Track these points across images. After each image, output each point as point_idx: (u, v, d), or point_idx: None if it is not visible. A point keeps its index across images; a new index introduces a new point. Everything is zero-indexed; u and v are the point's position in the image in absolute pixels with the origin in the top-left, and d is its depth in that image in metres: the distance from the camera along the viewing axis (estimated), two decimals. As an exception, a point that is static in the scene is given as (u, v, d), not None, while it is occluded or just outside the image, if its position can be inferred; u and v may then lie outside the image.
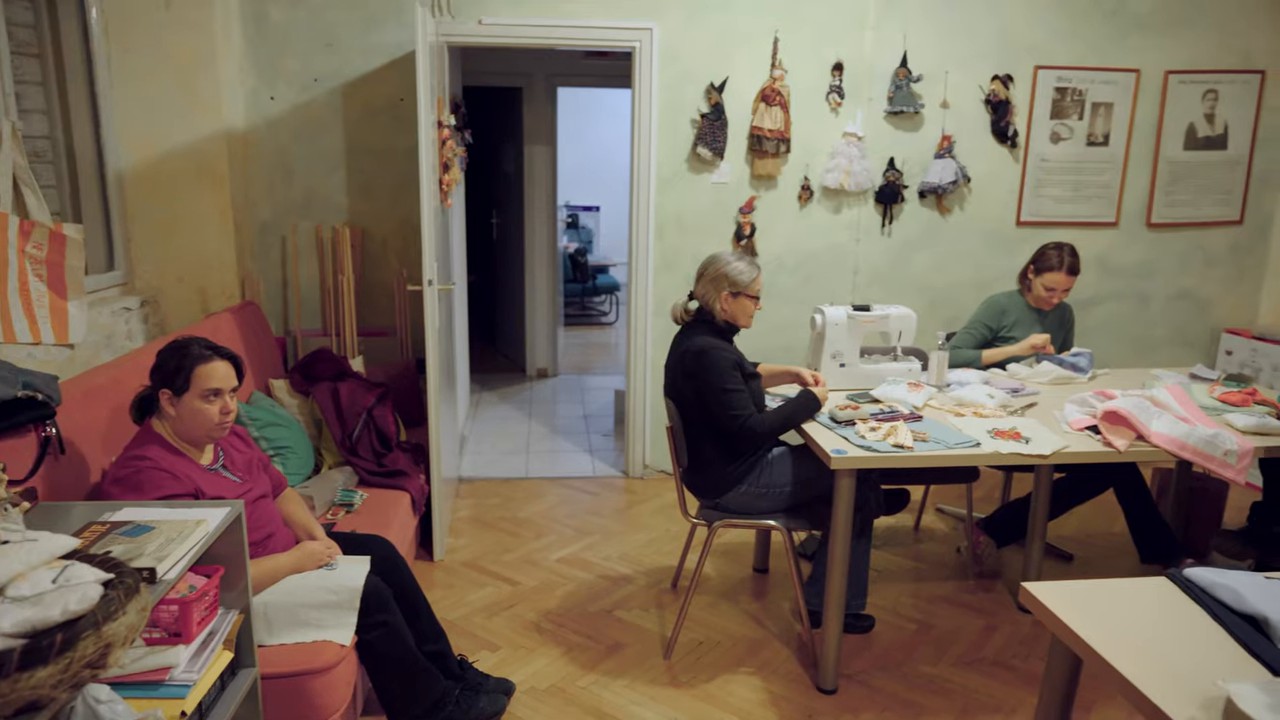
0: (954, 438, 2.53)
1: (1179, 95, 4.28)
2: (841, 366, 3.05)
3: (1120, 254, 4.43)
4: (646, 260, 4.15)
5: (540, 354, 6.42)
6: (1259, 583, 1.53)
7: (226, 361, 2.07)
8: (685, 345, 2.67)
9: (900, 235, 4.26)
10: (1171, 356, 4.54)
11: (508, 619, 3.00)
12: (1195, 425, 2.55)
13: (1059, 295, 3.35)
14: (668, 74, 3.98)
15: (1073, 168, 4.29)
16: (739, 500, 2.70)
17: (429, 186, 3.13)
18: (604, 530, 3.74)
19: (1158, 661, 1.34)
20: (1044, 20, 4.12)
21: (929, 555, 3.54)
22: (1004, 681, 2.68)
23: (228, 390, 2.06)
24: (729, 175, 4.09)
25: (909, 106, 4.09)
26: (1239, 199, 4.44)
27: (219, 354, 2.06)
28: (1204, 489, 3.53)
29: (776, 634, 2.93)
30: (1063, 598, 1.51)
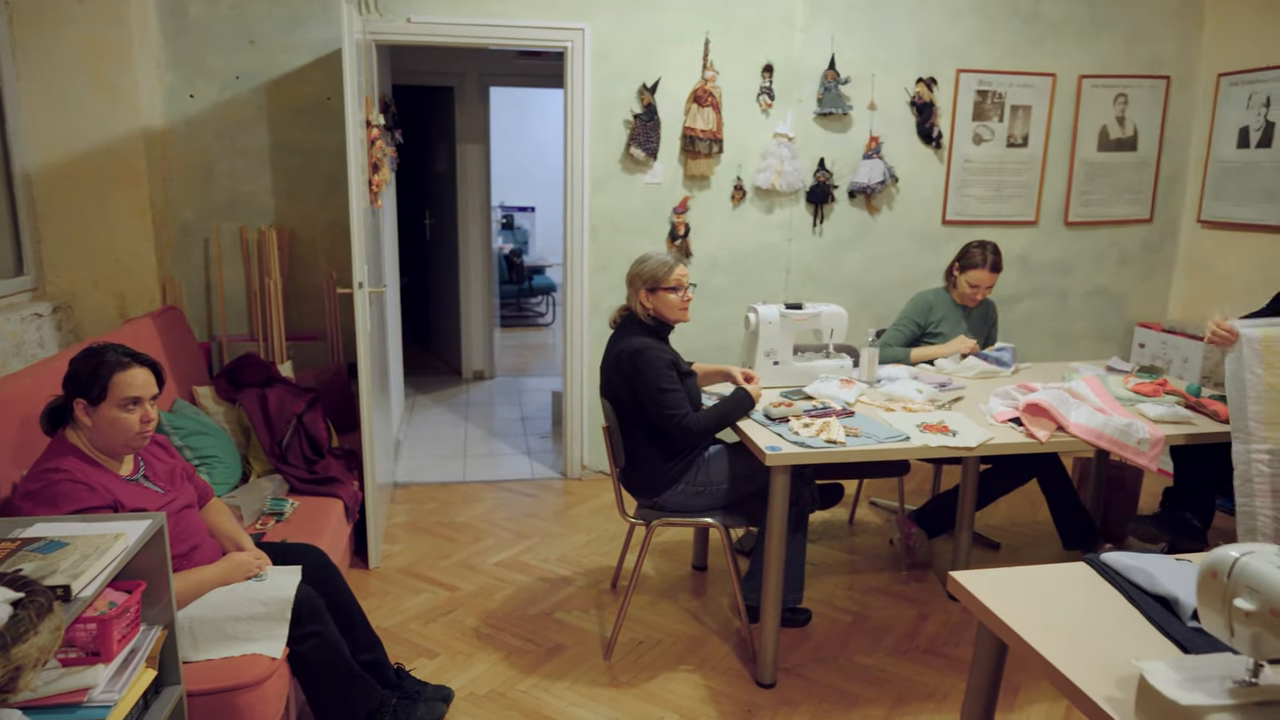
0: (885, 432, 2.58)
1: (1092, 99, 4.45)
2: (775, 364, 3.09)
3: (1040, 252, 4.58)
4: (581, 261, 4.14)
5: (476, 356, 6.36)
6: (1170, 565, 1.60)
7: (145, 368, 2.00)
8: (620, 346, 2.68)
9: (831, 234, 4.34)
10: (1089, 350, 4.72)
11: (446, 625, 2.96)
12: (1111, 415, 2.65)
13: (983, 292, 3.46)
14: (600, 74, 3.98)
15: (994, 168, 4.43)
16: (676, 499, 2.72)
17: (358, 187, 3.07)
18: (543, 532, 3.73)
19: (1077, 643, 1.39)
20: (964, 25, 4.24)
21: (863, 548, 3.61)
22: (936, 669, 2.75)
23: (148, 398, 1.99)
24: (662, 176, 4.11)
25: (838, 108, 4.17)
26: (1149, 198, 4.64)
27: (137, 361, 1.99)
28: (1121, 477, 3.68)
29: (716, 630, 2.95)
30: (988, 585, 1.56)
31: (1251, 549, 1.12)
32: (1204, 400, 2.85)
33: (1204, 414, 2.80)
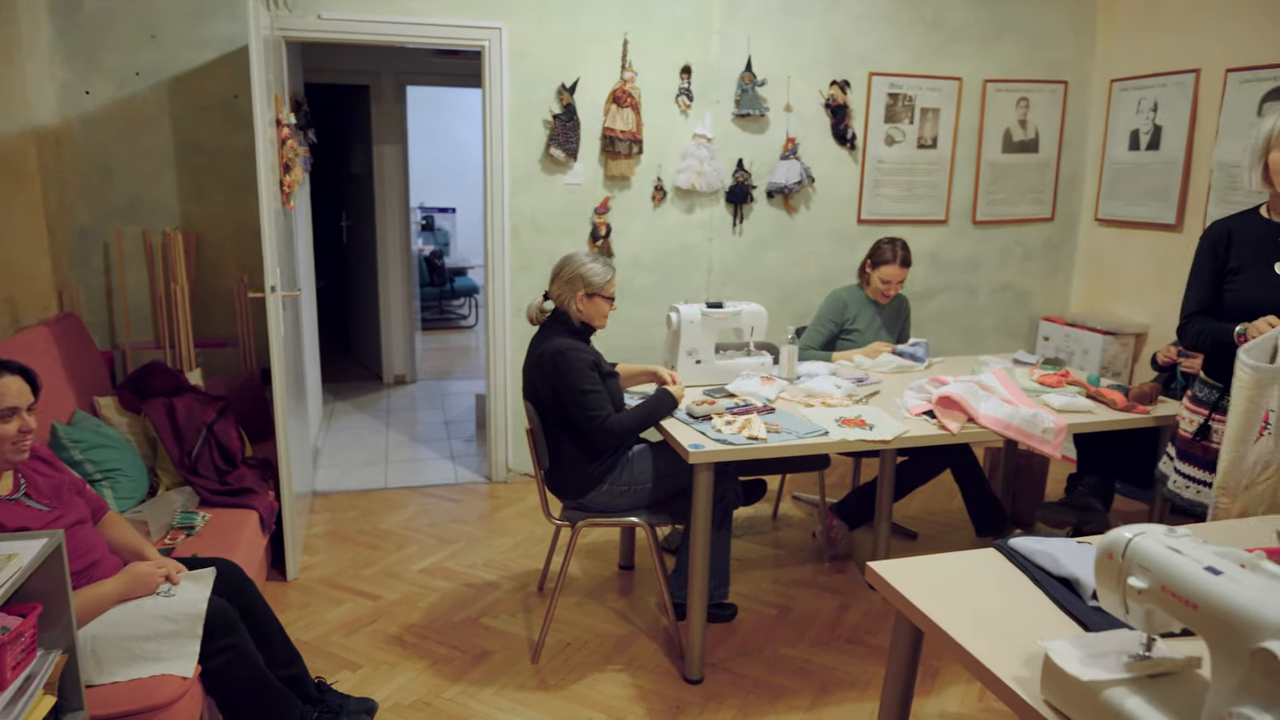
0: (805, 428, 2.63)
1: (996, 102, 4.63)
2: (698, 363, 3.12)
3: (950, 250, 4.74)
4: (503, 262, 4.11)
5: (397, 360, 6.24)
6: (1072, 547, 1.67)
7: (16, 375, 1.89)
8: (543, 347, 2.67)
9: (751, 234, 4.40)
10: (998, 344, 4.90)
11: (368, 635, 2.89)
12: (1018, 406, 2.76)
13: (895, 287, 3.56)
14: (518, 74, 3.96)
15: (906, 169, 4.56)
16: (601, 499, 2.72)
17: (268, 188, 2.98)
18: (468, 537, 3.68)
19: (986, 626, 1.44)
20: (873, 30, 4.36)
21: (787, 542, 3.68)
22: (858, 657, 2.81)
23: (23, 407, 1.88)
24: (583, 176, 4.11)
25: (755, 109, 4.23)
26: (1050, 198, 4.84)
27: (7, 368, 1.88)
28: (1028, 465, 3.84)
29: (643, 629, 2.96)
30: (902, 574, 1.60)
31: (1143, 530, 1.18)
32: (1103, 390, 2.99)
33: (1103, 403, 2.94)
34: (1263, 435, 2.13)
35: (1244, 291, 2.28)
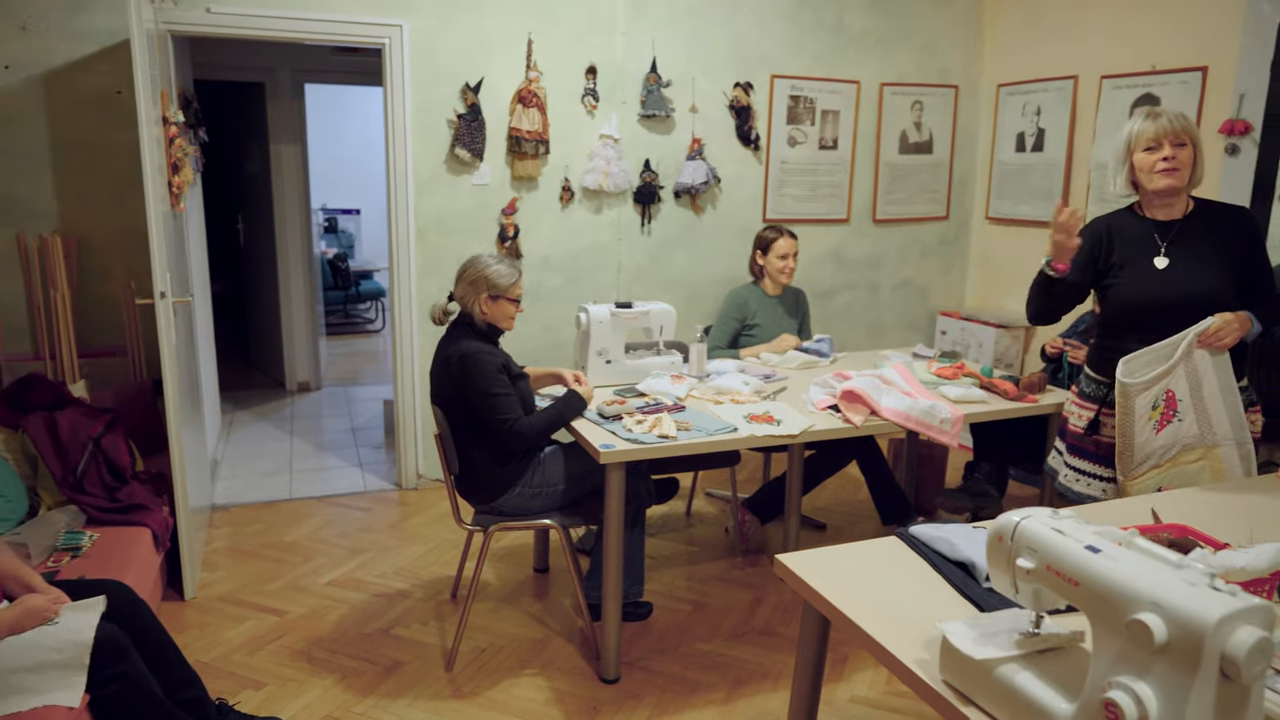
0: (714, 425, 2.67)
1: (892, 105, 4.78)
2: (608, 363, 3.13)
3: (852, 248, 4.88)
4: (408, 264, 4.03)
5: (301, 366, 6.04)
6: (968, 533, 1.74)
7: None
8: (450, 350, 2.63)
9: (659, 234, 4.43)
10: (899, 338, 5.07)
11: (273, 652, 2.79)
12: (917, 399, 2.86)
13: (792, 260, 3.66)
14: (421, 73, 3.88)
15: (809, 169, 4.67)
16: (513, 502, 2.70)
17: (155, 189, 2.84)
18: (378, 546, 3.59)
19: (889, 612, 1.49)
20: (775, 33, 4.45)
21: (700, 538, 3.72)
22: (771, 649, 2.87)
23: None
24: (489, 177, 4.06)
25: (660, 110, 4.26)
26: (944, 197, 5.04)
27: None
28: (930, 454, 3.98)
29: (559, 631, 2.95)
30: (809, 565, 1.64)
31: (1029, 513, 1.24)
32: (995, 380, 3.12)
33: (995, 393, 3.07)
34: (1169, 422, 2.26)
35: (1129, 287, 2.37)
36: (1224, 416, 2.27)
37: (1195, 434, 2.27)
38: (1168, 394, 2.26)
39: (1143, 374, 2.24)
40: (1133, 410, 2.26)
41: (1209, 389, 2.25)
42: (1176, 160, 2.23)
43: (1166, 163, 2.24)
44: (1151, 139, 2.24)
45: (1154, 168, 2.26)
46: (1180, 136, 2.23)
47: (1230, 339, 2.21)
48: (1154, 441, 2.28)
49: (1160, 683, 0.99)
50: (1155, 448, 2.28)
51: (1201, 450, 2.29)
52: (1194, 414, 2.26)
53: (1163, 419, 2.28)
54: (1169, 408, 2.27)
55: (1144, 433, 2.28)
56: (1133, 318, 2.37)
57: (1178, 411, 2.26)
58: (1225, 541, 1.65)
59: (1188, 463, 2.29)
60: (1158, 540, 1.64)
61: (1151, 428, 2.28)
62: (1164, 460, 2.29)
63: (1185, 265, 2.30)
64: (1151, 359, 2.25)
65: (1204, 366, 2.23)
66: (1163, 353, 2.25)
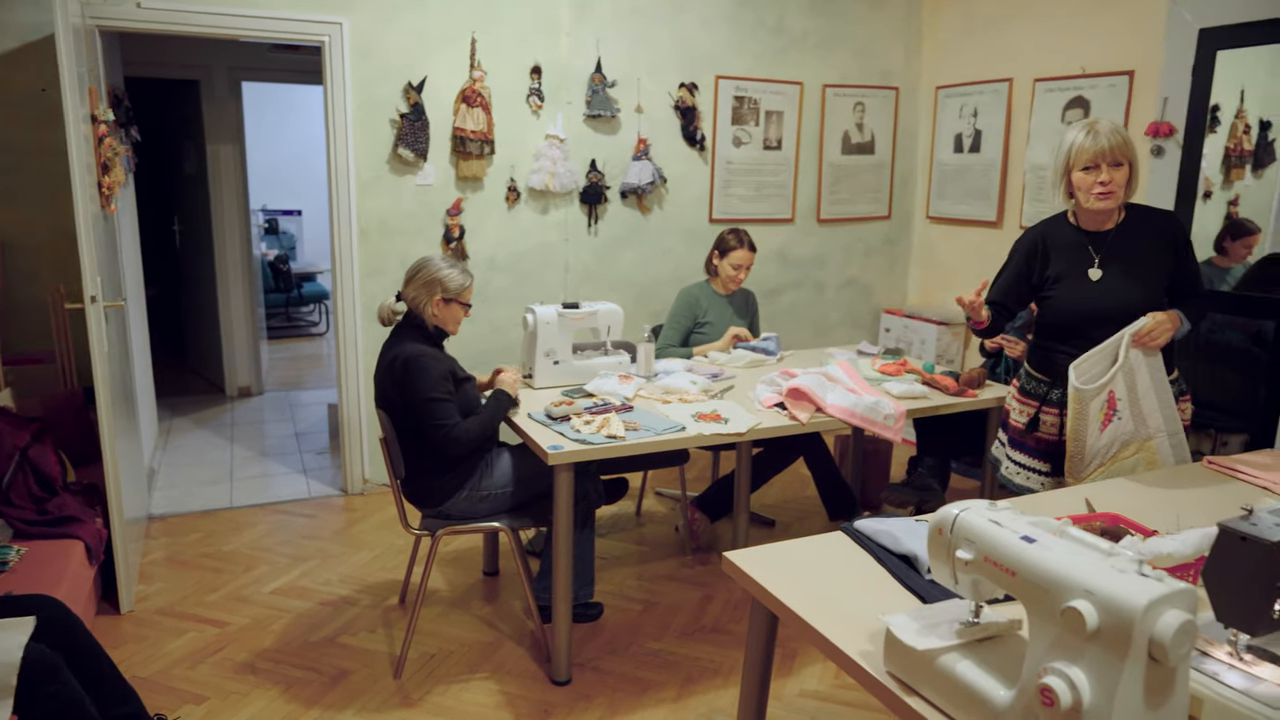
0: (662, 424, 2.68)
1: (835, 106, 4.85)
2: (555, 364, 3.12)
3: (797, 247, 4.94)
4: (351, 266, 3.96)
5: (241, 371, 5.90)
6: (911, 526, 1.78)
7: None
8: (394, 352, 2.60)
9: (606, 234, 4.43)
10: (844, 336, 5.15)
11: (215, 665, 2.72)
12: (861, 395, 2.91)
13: (744, 271, 3.68)
14: (362, 71, 3.82)
15: (754, 169, 4.71)
16: (461, 506, 2.67)
17: (84, 190, 2.75)
18: (323, 553, 3.53)
19: (834, 606, 1.51)
20: (718, 34, 4.48)
21: (651, 537, 3.73)
22: (721, 646, 2.89)
23: None
24: (433, 177, 4.02)
25: (606, 110, 4.26)
26: (886, 197, 5.13)
27: None
28: (875, 450, 4.05)
29: (509, 634, 2.93)
30: (756, 562, 1.66)
31: (968, 506, 1.27)
32: (937, 376, 3.19)
33: (937, 388, 3.13)
34: (1110, 422, 2.33)
35: (1064, 298, 2.43)
36: (1157, 411, 2.35)
37: (1131, 430, 2.35)
38: (1109, 395, 2.33)
39: (1094, 379, 2.31)
40: (1087, 415, 2.33)
41: (1143, 385, 2.32)
42: (1113, 184, 2.28)
43: (1103, 186, 2.28)
44: (1090, 160, 2.27)
45: (1091, 189, 2.30)
46: (1117, 156, 2.26)
47: (1163, 339, 2.29)
48: (1099, 441, 2.35)
49: (1093, 667, 1.02)
50: (1100, 447, 2.35)
51: (1137, 444, 2.37)
52: (1130, 411, 2.34)
53: (1105, 419, 2.35)
54: (1109, 408, 2.34)
55: (1092, 434, 2.35)
56: (1069, 327, 2.44)
57: (1117, 411, 2.33)
58: (1154, 529, 1.71)
59: (1125, 458, 2.37)
60: (1091, 529, 1.70)
61: (1096, 428, 2.35)
62: (1107, 458, 2.37)
63: (1119, 276, 2.37)
64: (1099, 359, 2.32)
65: (1138, 365, 2.31)
66: (1107, 353, 2.32)
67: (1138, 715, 1.01)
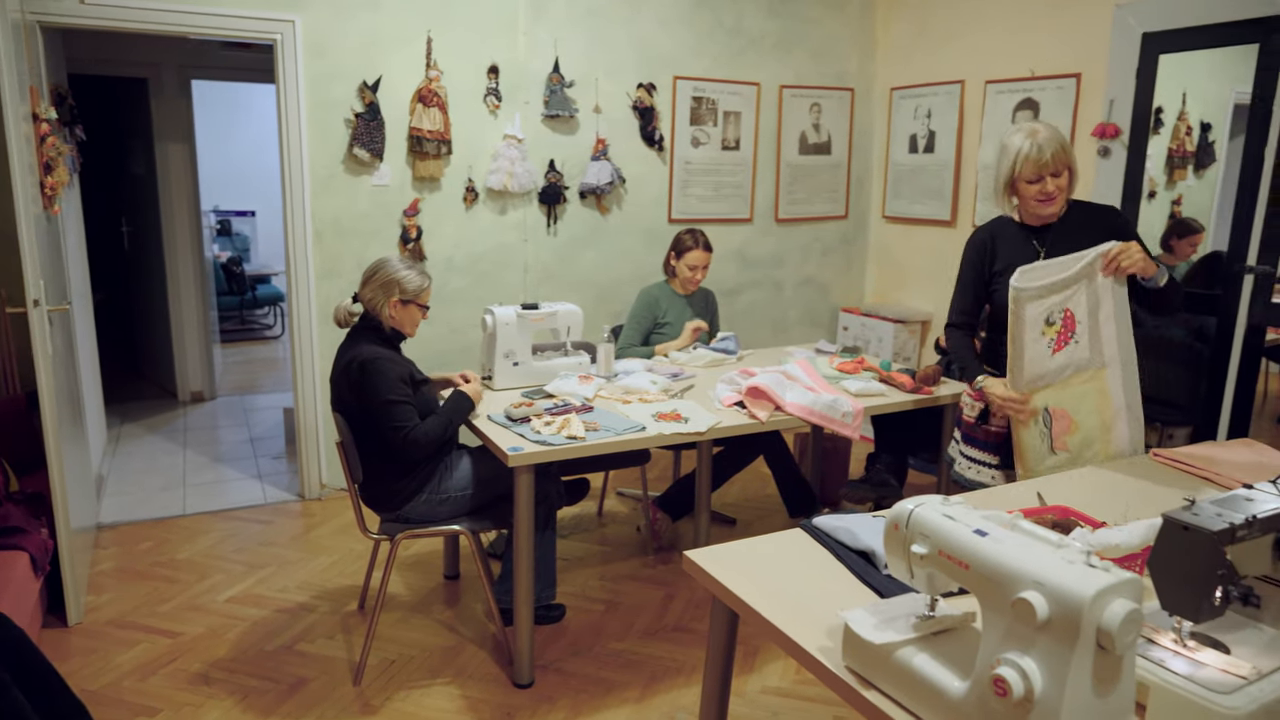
0: (623, 424, 2.68)
1: (792, 107, 4.90)
2: (515, 365, 3.10)
3: (756, 247, 4.97)
4: (306, 268, 3.90)
5: (194, 375, 5.78)
6: (868, 522, 1.80)
7: None
8: (350, 355, 2.56)
9: (566, 234, 4.42)
10: (802, 335, 5.19)
11: (168, 676, 2.67)
12: (820, 393, 2.94)
13: (701, 272, 3.70)
14: (315, 70, 3.77)
15: (712, 170, 4.74)
16: (420, 509, 2.65)
17: (25, 190, 2.67)
18: (279, 560, 3.47)
19: (793, 602, 1.52)
20: (676, 35, 4.50)
21: (613, 537, 3.73)
22: (684, 644, 2.90)
23: None
24: (389, 177, 3.97)
25: (564, 110, 4.25)
26: (843, 197, 5.19)
27: None
28: (833, 447, 4.09)
29: (471, 638, 2.91)
30: (716, 560, 1.67)
31: (922, 501, 1.29)
32: (893, 374, 3.23)
33: (894, 386, 3.18)
34: (1066, 344, 2.36)
35: (1007, 291, 2.49)
36: (1114, 339, 2.36)
37: (1087, 357, 2.37)
38: (1065, 314, 2.34)
39: (1039, 291, 2.34)
40: (1023, 318, 2.34)
41: (1105, 312, 2.36)
42: (1055, 191, 2.40)
43: (1046, 195, 2.40)
44: (1033, 174, 2.38)
45: (1035, 197, 2.41)
46: (1058, 166, 2.37)
47: (1129, 264, 2.30)
48: (1050, 361, 2.36)
49: (1044, 656, 1.04)
50: (1051, 368, 2.37)
51: (1091, 372, 2.39)
52: (1089, 337, 2.36)
53: (1060, 339, 2.37)
54: (1067, 329, 2.35)
55: (1037, 347, 2.36)
56: None
57: (1075, 334, 2.36)
58: (1103, 520, 1.75)
59: (1078, 384, 2.40)
60: (1042, 522, 1.73)
61: (1047, 347, 2.36)
62: (1057, 380, 2.39)
63: None
64: (1048, 271, 2.35)
65: (1104, 291, 2.35)
66: (1057, 268, 2.35)
67: (1087, 703, 1.03)
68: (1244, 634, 1.31)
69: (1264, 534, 1.26)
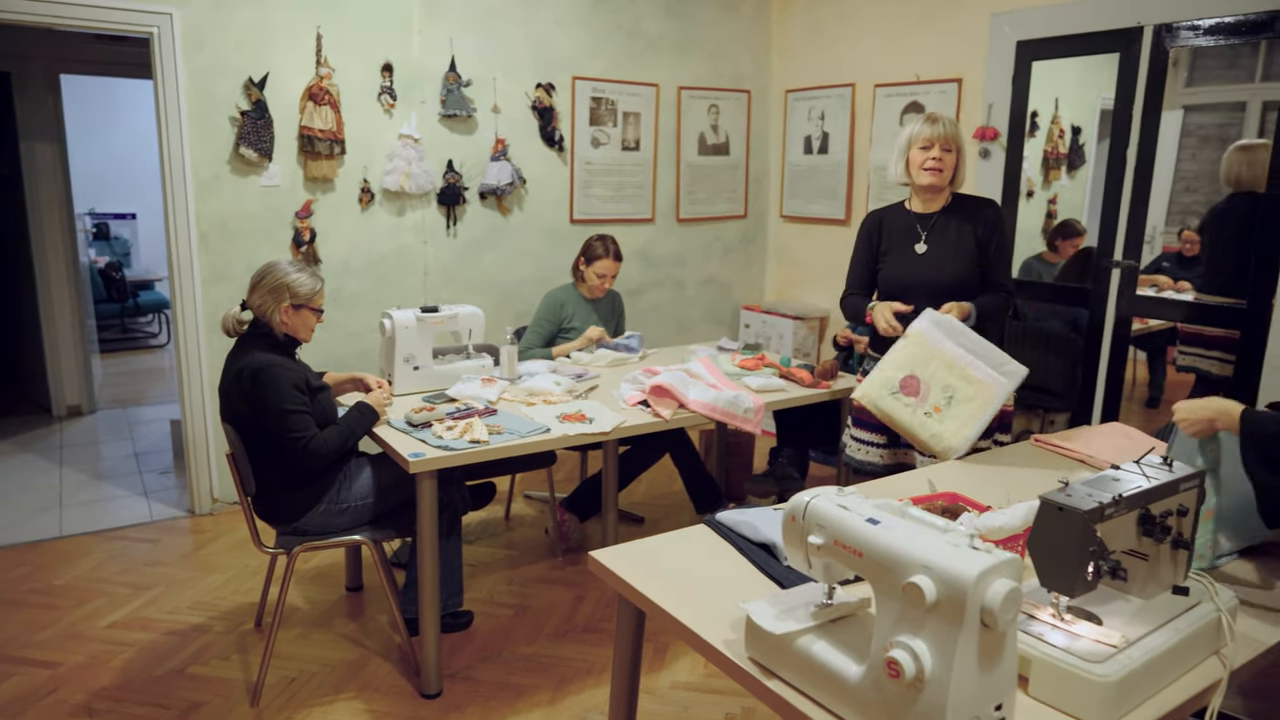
0: (527, 427, 2.66)
1: (690, 108, 4.96)
2: (416, 369, 3.04)
3: (658, 247, 5.01)
4: (191, 273, 3.73)
5: (70, 388, 5.44)
6: (769, 515, 1.84)
7: None
8: (241, 363, 2.46)
9: (466, 235, 4.36)
10: (705, 333, 5.27)
11: (45, 710, 2.50)
12: (722, 390, 2.99)
13: (609, 280, 3.71)
14: (196, 65, 3.60)
15: (613, 170, 4.75)
16: (318, 521, 2.56)
17: None
18: (168, 580, 3.31)
19: (698, 597, 1.54)
20: (574, 35, 4.49)
21: (521, 541, 3.70)
22: (594, 645, 2.90)
23: None
24: (280, 178, 3.84)
25: (462, 110, 4.19)
26: (742, 197, 5.28)
27: None
28: (738, 443, 4.17)
29: (376, 650, 2.84)
30: (621, 559, 1.68)
31: (818, 493, 1.32)
32: (793, 369, 3.31)
33: (793, 381, 3.26)
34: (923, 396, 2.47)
35: (892, 269, 2.77)
36: (986, 366, 2.46)
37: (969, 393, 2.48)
38: (905, 381, 2.50)
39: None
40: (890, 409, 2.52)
41: (958, 356, 2.46)
42: (942, 163, 2.62)
43: (934, 162, 2.62)
44: (927, 140, 2.61)
45: (924, 164, 2.63)
46: (949, 143, 2.62)
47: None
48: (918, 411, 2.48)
49: (933, 637, 1.09)
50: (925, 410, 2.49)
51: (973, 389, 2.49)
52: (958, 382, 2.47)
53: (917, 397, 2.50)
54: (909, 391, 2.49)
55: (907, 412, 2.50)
56: (896, 295, 2.73)
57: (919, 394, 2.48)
58: (988, 504, 1.84)
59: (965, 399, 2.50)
60: (932, 508, 1.81)
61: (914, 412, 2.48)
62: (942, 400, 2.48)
63: (940, 251, 2.69)
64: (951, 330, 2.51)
65: (938, 342, 2.48)
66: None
67: (973, 678, 1.08)
68: (1114, 605, 1.40)
69: (1130, 511, 1.35)
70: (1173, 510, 1.42)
